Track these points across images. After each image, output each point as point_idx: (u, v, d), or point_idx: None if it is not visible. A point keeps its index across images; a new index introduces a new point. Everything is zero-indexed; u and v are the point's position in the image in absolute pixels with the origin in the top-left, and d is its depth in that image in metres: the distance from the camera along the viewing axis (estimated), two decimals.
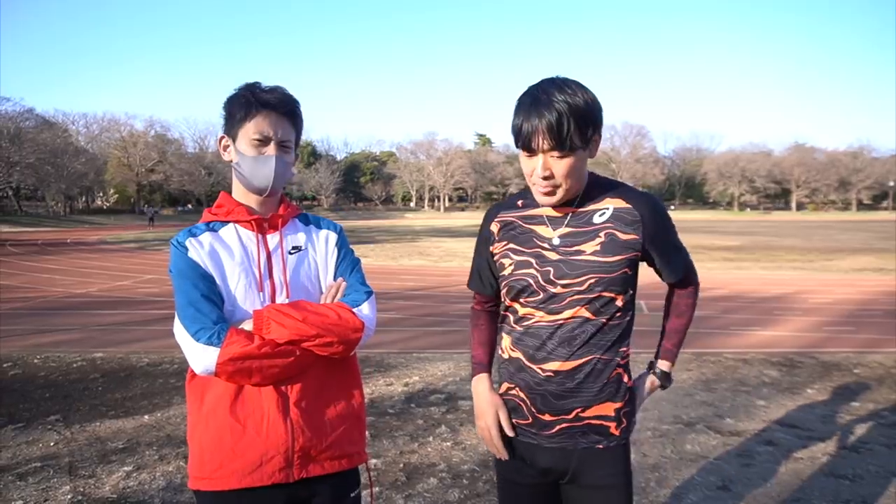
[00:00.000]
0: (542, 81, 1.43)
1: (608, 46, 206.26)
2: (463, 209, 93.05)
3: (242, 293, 1.48)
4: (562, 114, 1.35)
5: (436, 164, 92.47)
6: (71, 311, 9.40)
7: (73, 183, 60.36)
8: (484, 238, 1.66)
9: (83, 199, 70.30)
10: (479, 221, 1.69)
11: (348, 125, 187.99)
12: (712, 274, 14.23)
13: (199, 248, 1.48)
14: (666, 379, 1.66)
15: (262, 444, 1.44)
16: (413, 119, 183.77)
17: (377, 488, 3.20)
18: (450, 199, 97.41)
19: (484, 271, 1.68)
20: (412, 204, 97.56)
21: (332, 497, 1.55)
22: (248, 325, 1.43)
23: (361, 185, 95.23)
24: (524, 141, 1.40)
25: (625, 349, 1.53)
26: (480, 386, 1.62)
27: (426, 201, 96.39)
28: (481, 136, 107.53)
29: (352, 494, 1.60)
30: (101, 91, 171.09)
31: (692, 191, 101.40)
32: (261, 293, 1.50)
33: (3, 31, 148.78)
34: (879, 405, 4.63)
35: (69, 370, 5.66)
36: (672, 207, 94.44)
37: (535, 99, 1.39)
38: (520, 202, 1.60)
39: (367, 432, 1.76)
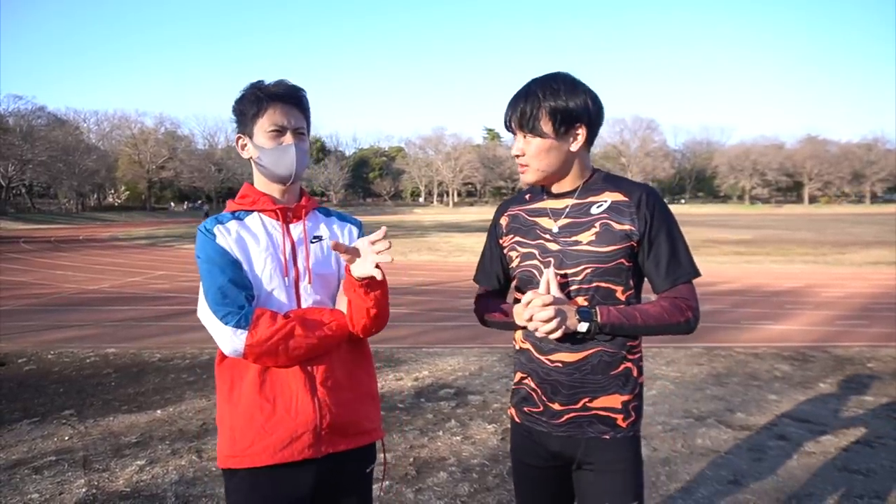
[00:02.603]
0: (539, 76, 1.53)
1: (617, 40, 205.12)
2: (472, 204, 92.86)
3: (268, 278, 1.54)
4: (534, 103, 1.47)
5: (444, 159, 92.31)
6: (84, 307, 9.49)
7: (85, 180, 60.95)
8: (493, 232, 1.73)
9: (95, 196, 70.88)
10: (489, 216, 1.70)
11: (357, 121, 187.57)
12: (723, 268, 14.13)
13: (227, 235, 1.54)
14: (587, 319, 1.44)
15: (291, 421, 1.50)
16: (421, 114, 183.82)
17: (387, 482, 3.22)
18: (458, 195, 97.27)
19: (492, 264, 1.73)
20: (421, 199, 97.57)
21: (352, 471, 1.63)
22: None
23: (370, 180, 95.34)
24: (504, 122, 1.56)
25: (632, 343, 1.54)
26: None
27: (435, 196, 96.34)
28: (490, 130, 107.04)
29: (367, 470, 1.67)
30: (111, 89, 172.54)
31: (703, 185, 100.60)
32: (286, 278, 1.56)
33: (14, 27, 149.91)
34: (893, 399, 4.59)
35: (83, 366, 5.72)
36: (682, 201, 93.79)
37: (521, 90, 1.53)
38: (527, 196, 1.67)
39: None
